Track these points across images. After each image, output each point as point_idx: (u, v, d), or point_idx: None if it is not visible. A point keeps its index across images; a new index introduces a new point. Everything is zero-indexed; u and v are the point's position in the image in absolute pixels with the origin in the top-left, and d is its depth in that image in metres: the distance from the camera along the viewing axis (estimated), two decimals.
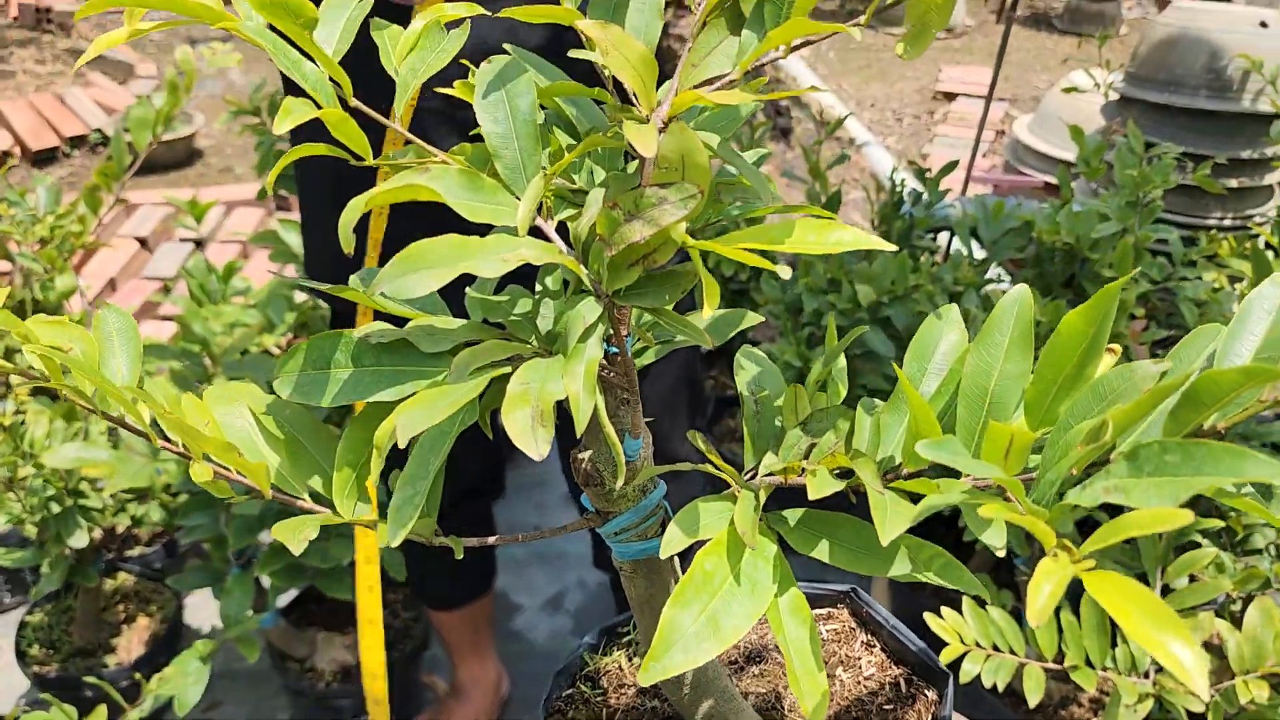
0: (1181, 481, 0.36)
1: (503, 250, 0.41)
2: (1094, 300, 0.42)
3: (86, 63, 2.40)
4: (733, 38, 0.46)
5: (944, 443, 0.40)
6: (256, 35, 0.45)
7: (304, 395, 0.47)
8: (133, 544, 1.76)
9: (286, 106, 0.41)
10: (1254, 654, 1.21)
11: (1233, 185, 2.15)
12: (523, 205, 0.42)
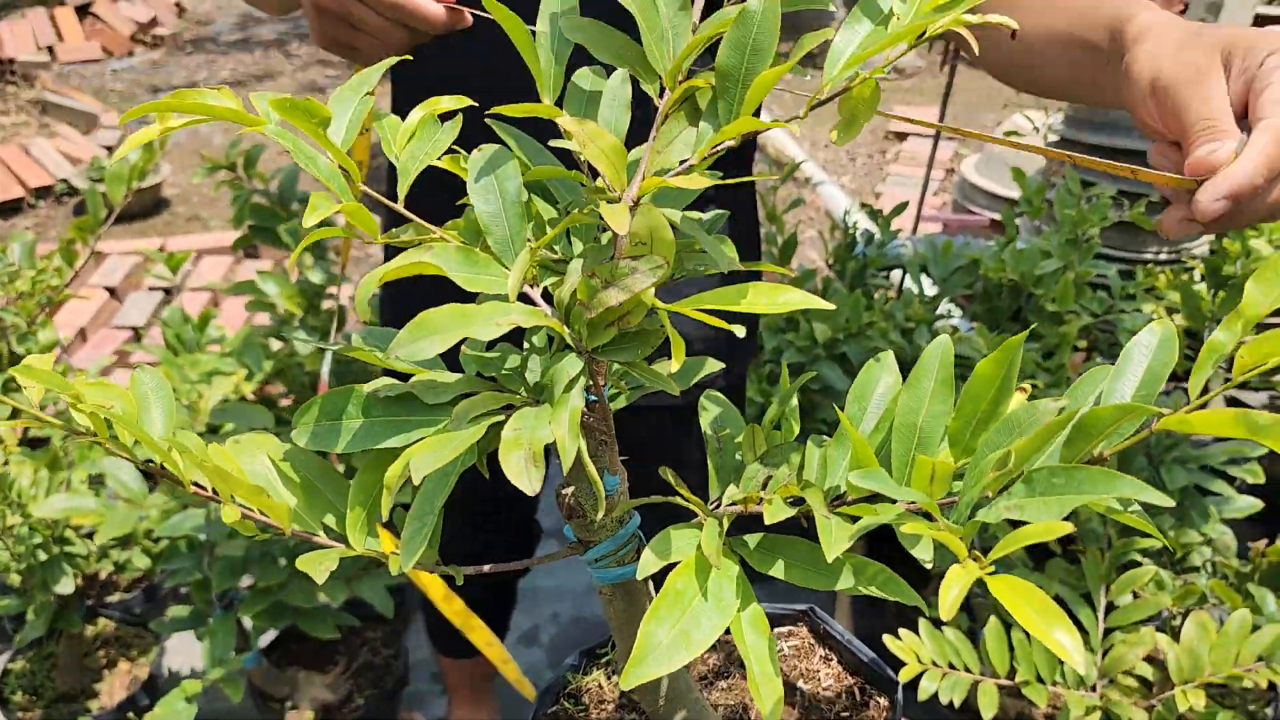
0: (1065, 499, 0.43)
1: (496, 316, 0.47)
2: (1000, 351, 0.50)
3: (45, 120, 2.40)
4: (691, 128, 0.53)
5: (873, 473, 0.48)
6: (276, 135, 0.51)
7: (320, 444, 0.53)
8: (112, 590, 1.78)
9: (313, 203, 0.47)
10: (1191, 665, 1.29)
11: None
12: (512, 276, 0.49)
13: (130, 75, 5.24)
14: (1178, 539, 1.53)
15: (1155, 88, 0.66)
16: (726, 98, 0.52)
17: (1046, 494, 0.44)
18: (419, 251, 0.49)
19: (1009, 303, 2.05)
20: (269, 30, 6.25)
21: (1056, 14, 0.80)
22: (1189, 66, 0.64)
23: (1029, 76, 0.87)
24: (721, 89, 0.52)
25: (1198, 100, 0.62)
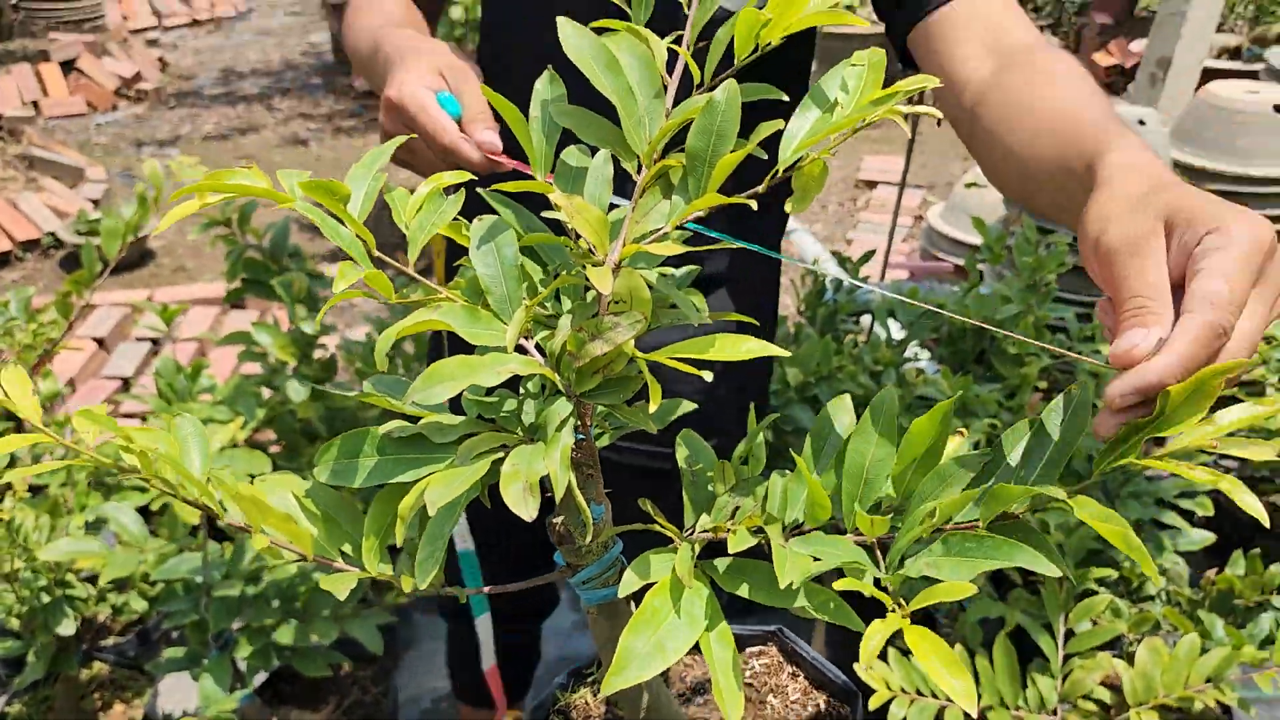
0: (974, 563, 0.51)
1: (497, 365, 0.55)
2: (934, 411, 0.58)
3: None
4: (665, 201, 0.61)
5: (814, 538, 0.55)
6: (304, 210, 0.59)
7: (339, 479, 0.60)
8: (107, 634, 1.82)
9: (342, 271, 0.55)
10: (1145, 688, 1.37)
11: None
12: (510, 330, 0.56)
13: (114, 129, 5.32)
14: (1133, 569, 1.61)
15: (1099, 250, 0.64)
16: (695, 175, 0.60)
17: (960, 555, 0.52)
18: (428, 311, 0.57)
19: (973, 346, 2.14)
20: (251, 84, 6.36)
21: (1044, 141, 0.80)
22: (1132, 235, 0.62)
23: (1029, 202, 0.87)
24: (691, 167, 0.60)
25: (1134, 273, 0.61)
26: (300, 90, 6.21)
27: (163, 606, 1.50)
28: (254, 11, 8.52)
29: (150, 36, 7.01)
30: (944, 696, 1.40)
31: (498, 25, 1.07)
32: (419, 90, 0.89)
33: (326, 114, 5.71)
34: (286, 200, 0.58)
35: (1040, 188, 0.82)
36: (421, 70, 0.91)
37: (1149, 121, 2.35)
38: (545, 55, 0.68)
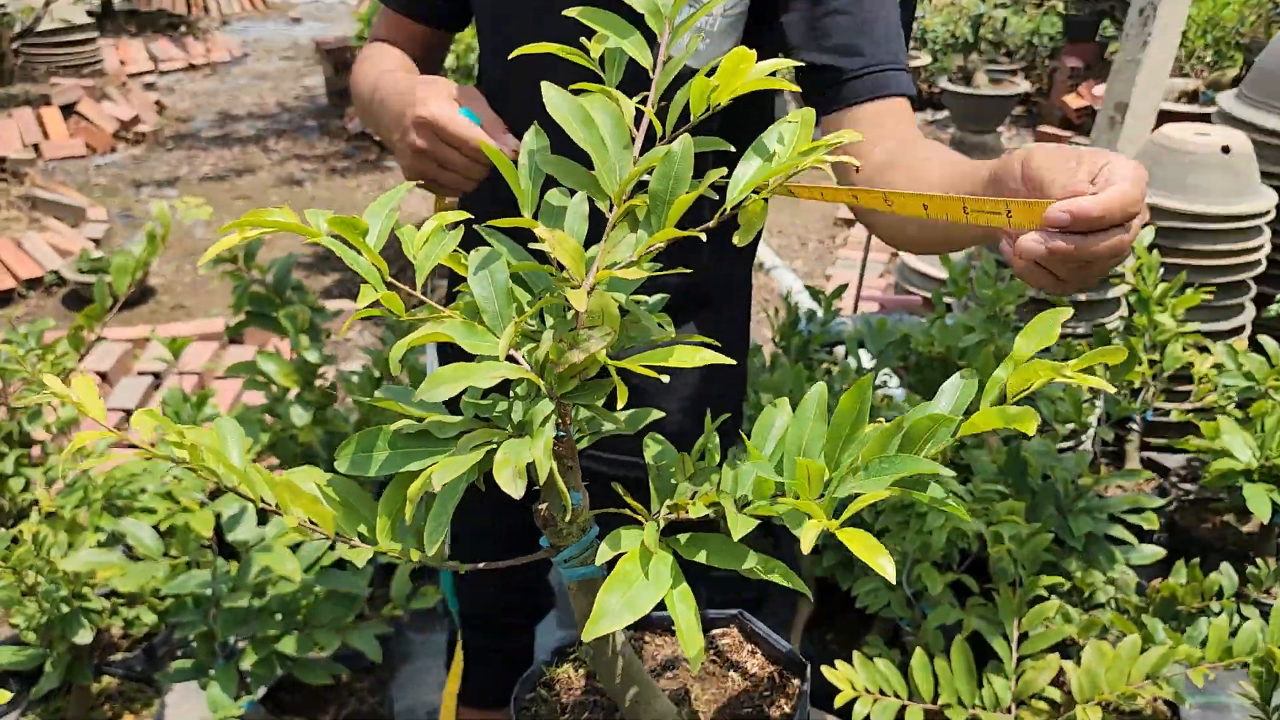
0: (885, 478, 0.62)
1: (490, 371, 0.66)
2: (855, 388, 0.69)
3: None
4: (633, 234, 0.73)
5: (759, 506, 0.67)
6: (328, 242, 0.70)
7: (356, 470, 0.71)
8: (115, 650, 1.91)
9: (364, 292, 0.66)
10: (1090, 685, 1.47)
11: (1080, 299, 2.50)
12: (501, 342, 0.68)
13: (114, 170, 5.45)
14: (1084, 579, 1.72)
15: (1025, 171, 0.76)
16: (657, 212, 0.72)
17: (875, 475, 0.63)
18: (434, 324, 0.68)
19: (939, 373, 2.26)
20: (247, 127, 6.51)
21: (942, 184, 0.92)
22: (1056, 162, 0.75)
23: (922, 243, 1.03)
24: (653, 206, 0.72)
25: (1063, 178, 0.73)
26: (295, 132, 6.36)
27: (173, 618, 1.59)
28: (249, 56, 8.70)
29: (148, 80, 7.16)
30: (903, 694, 1.51)
31: (492, 85, 1.20)
32: (444, 105, 1.01)
33: (321, 155, 5.86)
34: (315, 235, 0.70)
35: (932, 227, 0.95)
36: (440, 91, 1.04)
37: None
38: (533, 113, 0.80)
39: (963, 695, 1.52)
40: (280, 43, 9.35)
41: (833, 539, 0.64)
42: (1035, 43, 6.06)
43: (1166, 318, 2.29)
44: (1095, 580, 1.72)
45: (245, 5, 10.85)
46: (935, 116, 6.38)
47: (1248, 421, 2.04)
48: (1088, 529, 1.75)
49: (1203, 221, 2.55)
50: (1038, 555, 1.63)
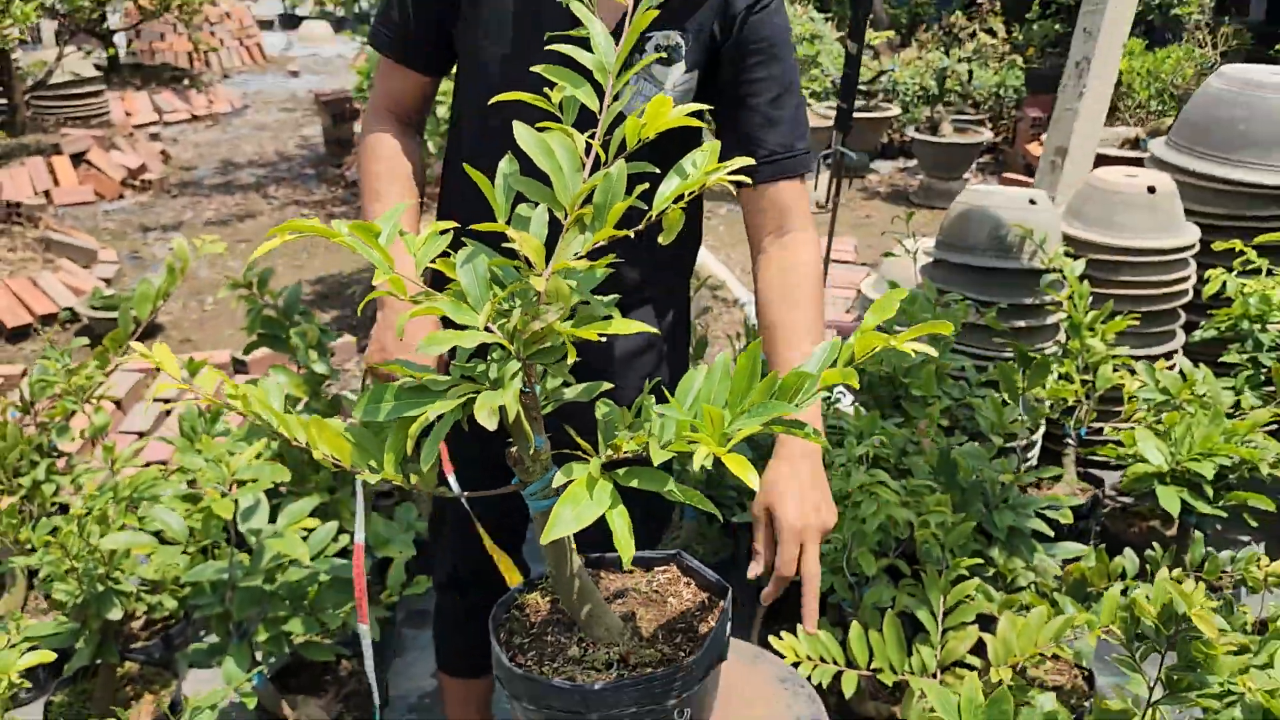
0: (761, 418, 0.84)
1: (473, 337, 0.88)
2: (745, 354, 0.91)
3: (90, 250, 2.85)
4: (581, 235, 0.95)
5: (677, 445, 0.88)
6: (350, 241, 0.92)
7: (369, 416, 0.92)
8: (135, 640, 2.10)
9: (376, 275, 0.88)
10: (1004, 650, 1.67)
11: (1020, 325, 2.73)
12: (480, 316, 0.90)
13: (121, 215, 5.69)
14: (1006, 565, 1.93)
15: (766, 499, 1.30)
16: (599, 218, 0.95)
17: (754, 416, 0.85)
18: (430, 301, 0.90)
19: (888, 390, 2.48)
20: (248, 175, 6.77)
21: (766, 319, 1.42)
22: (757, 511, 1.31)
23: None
24: (596, 214, 0.95)
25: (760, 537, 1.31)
26: (294, 180, 6.62)
27: (192, 601, 1.79)
28: (249, 108, 9.00)
29: (152, 131, 7.44)
30: (841, 662, 1.70)
31: (472, 121, 1.44)
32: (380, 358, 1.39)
33: (319, 200, 6.12)
34: (338, 236, 0.92)
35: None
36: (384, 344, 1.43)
37: (1039, 201, 2.74)
38: (507, 143, 1.02)
39: (894, 662, 1.71)
40: (279, 95, 9.67)
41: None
42: (1001, 94, 6.38)
43: (1097, 341, 2.52)
44: (1016, 567, 1.93)
45: (245, 59, 11.20)
46: (906, 164, 6.69)
47: (1166, 434, 2.26)
48: (1010, 522, 1.96)
49: (1130, 255, 2.80)
50: (962, 541, 1.84)
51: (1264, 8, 11.22)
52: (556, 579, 1.04)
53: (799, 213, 1.44)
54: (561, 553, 1.02)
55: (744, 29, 1.38)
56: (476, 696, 1.93)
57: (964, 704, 1.43)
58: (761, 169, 1.40)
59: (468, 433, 0.93)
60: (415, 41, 1.47)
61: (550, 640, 1.07)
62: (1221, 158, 2.95)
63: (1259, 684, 1.42)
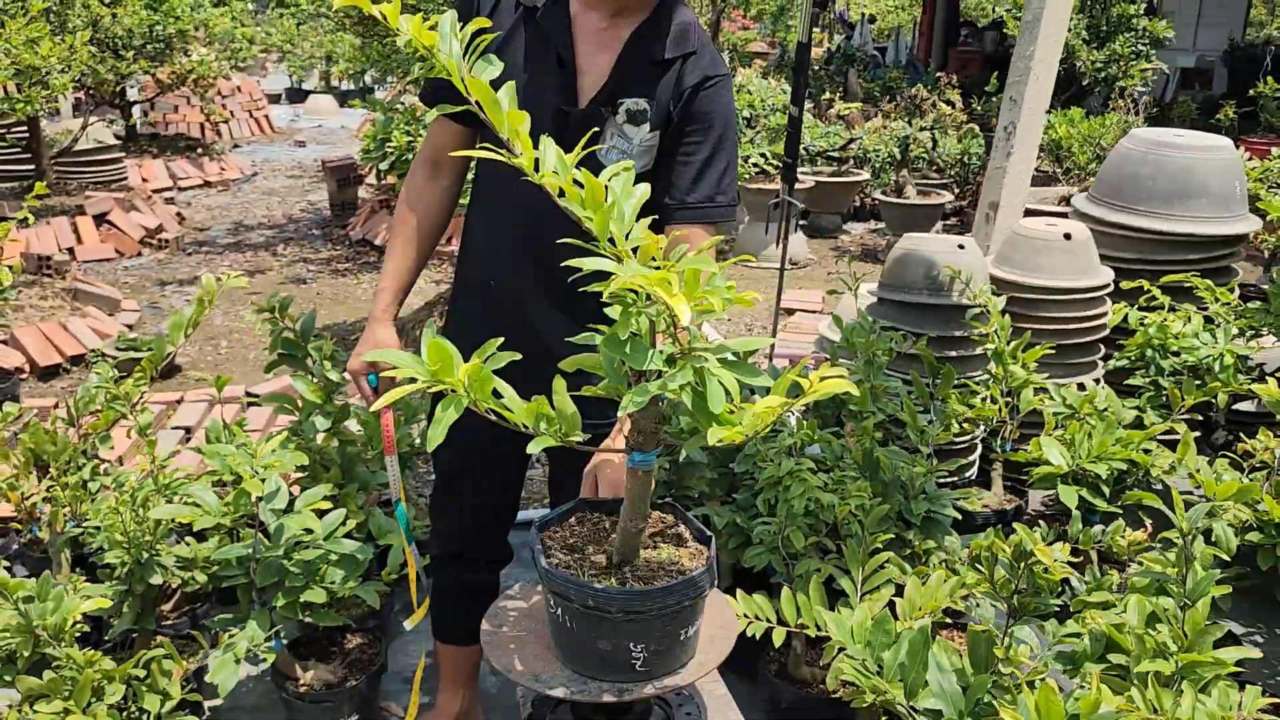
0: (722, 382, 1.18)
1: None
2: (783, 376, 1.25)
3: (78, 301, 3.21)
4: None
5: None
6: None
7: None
8: (165, 619, 2.40)
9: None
10: (910, 608, 1.98)
11: (951, 354, 3.07)
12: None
13: (140, 271, 6.08)
14: (920, 546, 2.24)
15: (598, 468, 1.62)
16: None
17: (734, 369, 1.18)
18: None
19: (832, 409, 2.81)
20: (258, 235, 7.18)
21: None
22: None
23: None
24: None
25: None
26: (301, 239, 7.03)
27: (223, 572, 2.09)
28: (258, 175, 9.47)
29: (168, 195, 7.88)
30: (773, 620, 2.01)
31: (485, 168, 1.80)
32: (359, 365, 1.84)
33: (325, 259, 6.51)
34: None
35: None
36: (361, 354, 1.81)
37: (967, 246, 3.11)
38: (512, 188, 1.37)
39: (820, 622, 2.02)
40: (286, 163, 10.15)
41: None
42: (965, 160, 6.82)
43: (1018, 368, 2.86)
44: (930, 547, 2.25)
45: (254, 130, 11.73)
46: (875, 226, 7.11)
47: (1070, 442, 2.59)
48: (925, 510, 2.28)
49: (1049, 294, 3.15)
50: (881, 522, 2.16)
51: (1225, 82, 11.83)
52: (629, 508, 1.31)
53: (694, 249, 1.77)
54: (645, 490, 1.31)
55: (691, 102, 1.72)
56: (466, 664, 2.22)
57: (855, 627, 1.76)
58: (678, 214, 1.73)
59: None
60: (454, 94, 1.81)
61: (589, 554, 1.38)
62: (1131, 209, 3.33)
63: (1106, 619, 1.74)
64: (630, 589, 1.28)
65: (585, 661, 1.34)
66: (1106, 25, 6.53)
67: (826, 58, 11.16)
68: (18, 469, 2.56)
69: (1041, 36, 3.38)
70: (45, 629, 1.77)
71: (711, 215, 1.74)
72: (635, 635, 1.29)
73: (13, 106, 5.16)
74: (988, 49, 13.41)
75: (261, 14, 15.13)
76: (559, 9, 1.66)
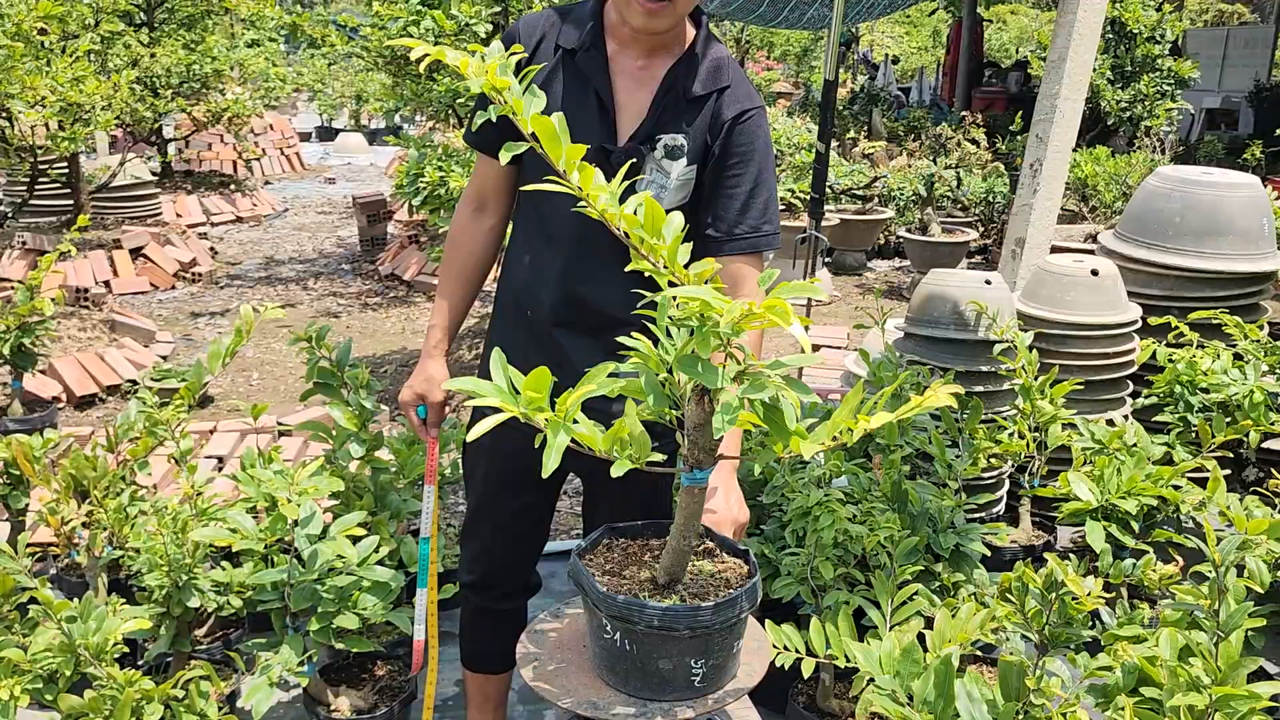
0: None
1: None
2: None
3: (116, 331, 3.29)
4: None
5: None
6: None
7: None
8: (199, 644, 2.43)
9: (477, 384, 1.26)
10: (940, 640, 1.98)
11: (979, 390, 3.08)
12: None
13: (174, 304, 6.19)
14: (949, 579, 2.24)
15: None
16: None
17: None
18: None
19: (858, 442, 2.82)
20: (289, 269, 7.29)
21: None
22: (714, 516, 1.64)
23: None
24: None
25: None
26: (332, 274, 7.13)
27: (258, 597, 2.12)
28: (289, 211, 9.62)
29: (201, 230, 8.02)
30: (801, 651, 2.01)
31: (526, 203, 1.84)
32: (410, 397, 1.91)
33: (355, 293, 6.60)
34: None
35: None
36: (413, 386, 1.89)
37: (994, 281, 3.12)
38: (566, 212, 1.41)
39: (847, 651, 2.02)
40: (316, 200, 10.31)
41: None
42: (990, 199, 6.85)
43: (1046, 404, 2.87)
44: (959, 580, 2.25)
45: (285, 167, 11.94)
46: (900, 263, 7.13)
47: (1098, 477, 2.59)
48: (954, 543, 2.29)
49: (1077, 329, 3.16)
50: (910, 554, 2.16)
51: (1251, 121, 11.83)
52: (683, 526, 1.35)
53: (751, 280, 1.78)
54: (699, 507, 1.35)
55: (730, 135, 1.76)
56: (494, 692, 2.23)
57: (883, 657, 1.76)
58: (727, 245, 1.76)
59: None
60: (495, 134, 1.84)
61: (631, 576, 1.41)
62: (1159, 245, 3.34)
63: (1138, 652, 1.74)
64: (698, 605, 1.31)
65: (646, 683, 1.36)
66: (1131, 65, 6.57)
67: (851, 98, 11.26)
68: (58, 494, 2.61)
69: (1067, 74, 3.42)
70: (87, 649, 1.81)
71: (759, 245, 1.77)
72: (697, 651, 1.31)
73: (56, 143, 5.29)
74: (1011, 89, 13.49)
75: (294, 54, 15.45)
76: (596, 50, 1.71)
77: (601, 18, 1.74)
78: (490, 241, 1.92)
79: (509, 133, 1.89)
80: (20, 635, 1.96)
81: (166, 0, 8.63)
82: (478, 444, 1.98)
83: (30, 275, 3.73)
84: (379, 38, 4.86)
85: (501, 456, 1.92)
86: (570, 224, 1.48)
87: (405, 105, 5.33)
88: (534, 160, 1.85)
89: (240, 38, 11.19)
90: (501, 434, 1.89)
